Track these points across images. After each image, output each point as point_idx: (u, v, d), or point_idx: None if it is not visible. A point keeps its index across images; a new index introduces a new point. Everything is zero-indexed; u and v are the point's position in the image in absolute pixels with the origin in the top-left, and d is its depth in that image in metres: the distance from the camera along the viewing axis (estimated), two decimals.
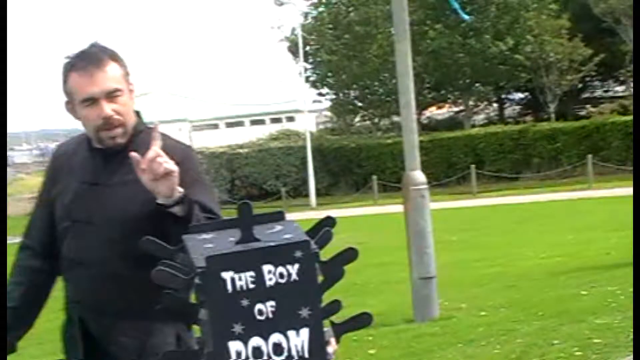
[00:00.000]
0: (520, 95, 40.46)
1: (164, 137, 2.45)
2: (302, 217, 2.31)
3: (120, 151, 2.44)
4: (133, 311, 2.41)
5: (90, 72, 2.40)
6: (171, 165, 2.27)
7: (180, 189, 2.32)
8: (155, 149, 2.27)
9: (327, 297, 1.96)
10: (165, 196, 2.30)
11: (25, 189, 49.58)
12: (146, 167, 2.26)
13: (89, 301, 2.44)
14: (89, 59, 2.42)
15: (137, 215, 2.39)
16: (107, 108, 2.40)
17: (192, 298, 1.97)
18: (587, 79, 36.20)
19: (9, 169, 64.39)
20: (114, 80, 2.43)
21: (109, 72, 2.42)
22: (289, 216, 2.10)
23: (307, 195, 30.36)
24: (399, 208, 8.05)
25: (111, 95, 2.41)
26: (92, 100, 2.40)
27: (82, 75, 2.41)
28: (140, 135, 2.46)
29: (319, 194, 30.36)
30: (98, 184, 2.47)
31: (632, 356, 5.41)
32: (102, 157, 2.48)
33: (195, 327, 2.02)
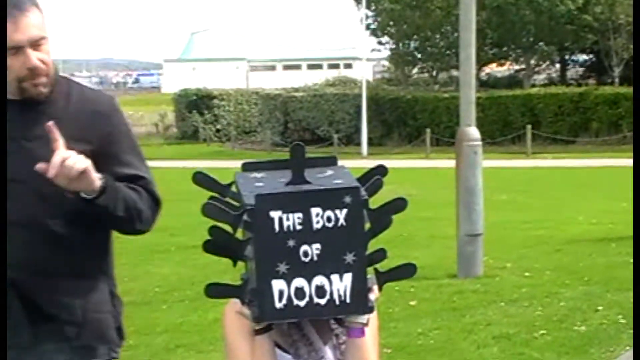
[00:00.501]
0: (584, 57, 39.58)
1: (84, 88, 2.34)
2: (353, 165, 2.33)
3: (37, 103, 2.26)
4: (72, 270, 2.31)
5: (15, 17, 2.16)
6: (82, 163, 2.13)
7: (100, 176, 2.20)
8: (60, 152, 2.11)
9: (372, 246, 1.98)
10: (86, 191, 2.18)
11: None
12: (56, 173, 2.10)
13: (25, 262, 2.26)
14: (11, 3, 2.17)
15: None
16: (34, 57, 2.20)
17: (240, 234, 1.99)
18: None
19: None
20: (38, 27, 2.21)
21: (32, 19, 2.20)
22: (340, 163, 2.11)
23: (359, 144, 30.37)
24: (450, 163, 8.06)
25: (36, 44, 2.21)
26: (17, 49, 2.18)
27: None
28: (57, 86, 2.30)
29: (371, 143, 30.32)
30: (18, 138, 2.25)
31: None
32: (17, 109, 2.25)
33: (240, 264, 2.03)
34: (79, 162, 2.12)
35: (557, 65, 39.95)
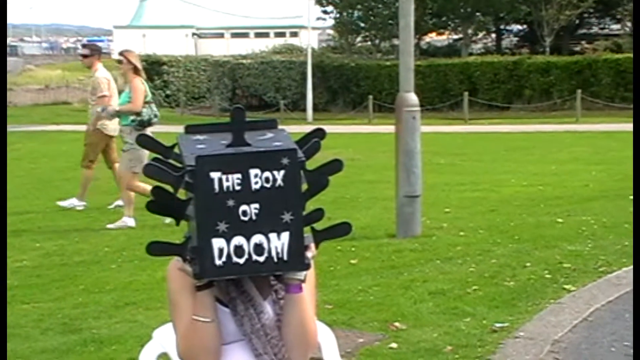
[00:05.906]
0: (518, 27, 40.31)
1: None
2: (298, 130, 2.46)
3: None
4: None
5: None
6: None
7: None
8: None
9: (318, 207, 2.05)
10: None
11: (33, 80, 49.07)
12: None
13: None
14: None
15: None
16: None
17: (182, 194, 2.03)
18: (585, 15, 36.06)
19: (18, 59, 63.35)
20: None
21: None
22: (286, 129, 2.15)
23: (304, 110, 30.52)
24: (392, 129, 8.12)
25: None
26: None
27: None
28: None
29: (316, 109, 30.51)
30: None
31: (597, 281, 5.74)
32: None
33: (183, 223, 2.07)
34: None
35: (493, 35, 40.53)
